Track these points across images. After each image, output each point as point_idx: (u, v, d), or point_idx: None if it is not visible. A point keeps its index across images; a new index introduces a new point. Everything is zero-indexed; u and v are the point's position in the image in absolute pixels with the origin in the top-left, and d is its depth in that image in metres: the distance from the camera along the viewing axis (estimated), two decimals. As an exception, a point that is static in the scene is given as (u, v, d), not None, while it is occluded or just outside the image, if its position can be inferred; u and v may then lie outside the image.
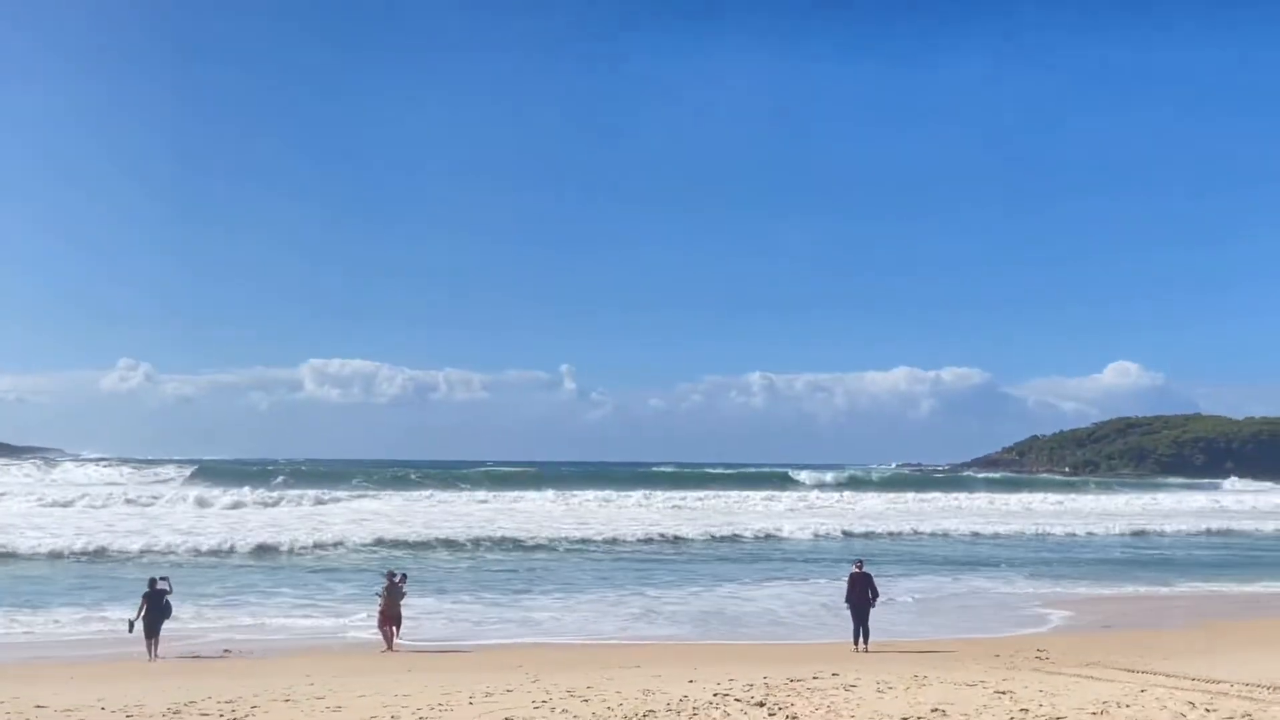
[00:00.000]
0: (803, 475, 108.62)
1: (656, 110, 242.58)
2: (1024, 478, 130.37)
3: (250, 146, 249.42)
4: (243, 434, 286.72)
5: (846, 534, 51.66)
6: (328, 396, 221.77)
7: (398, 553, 40.24)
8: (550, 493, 73.06)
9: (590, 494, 72.55)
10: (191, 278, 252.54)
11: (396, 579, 23.56)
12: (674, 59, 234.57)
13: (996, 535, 54.12)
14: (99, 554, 37.01)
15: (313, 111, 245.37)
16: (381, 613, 22.79)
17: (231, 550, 38.89)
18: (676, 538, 47.56)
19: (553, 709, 12.95)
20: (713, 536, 48.46)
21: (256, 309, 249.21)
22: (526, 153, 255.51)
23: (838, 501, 78.57)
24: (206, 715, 12.62)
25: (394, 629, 22.75)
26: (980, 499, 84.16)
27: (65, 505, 55.81)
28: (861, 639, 22.06)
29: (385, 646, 22.31)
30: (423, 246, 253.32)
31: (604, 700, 13.77)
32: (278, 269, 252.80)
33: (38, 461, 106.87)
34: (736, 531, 50.14)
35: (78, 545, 37.64)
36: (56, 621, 25.00)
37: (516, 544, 43.78)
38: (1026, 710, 13.43)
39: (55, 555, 36.61)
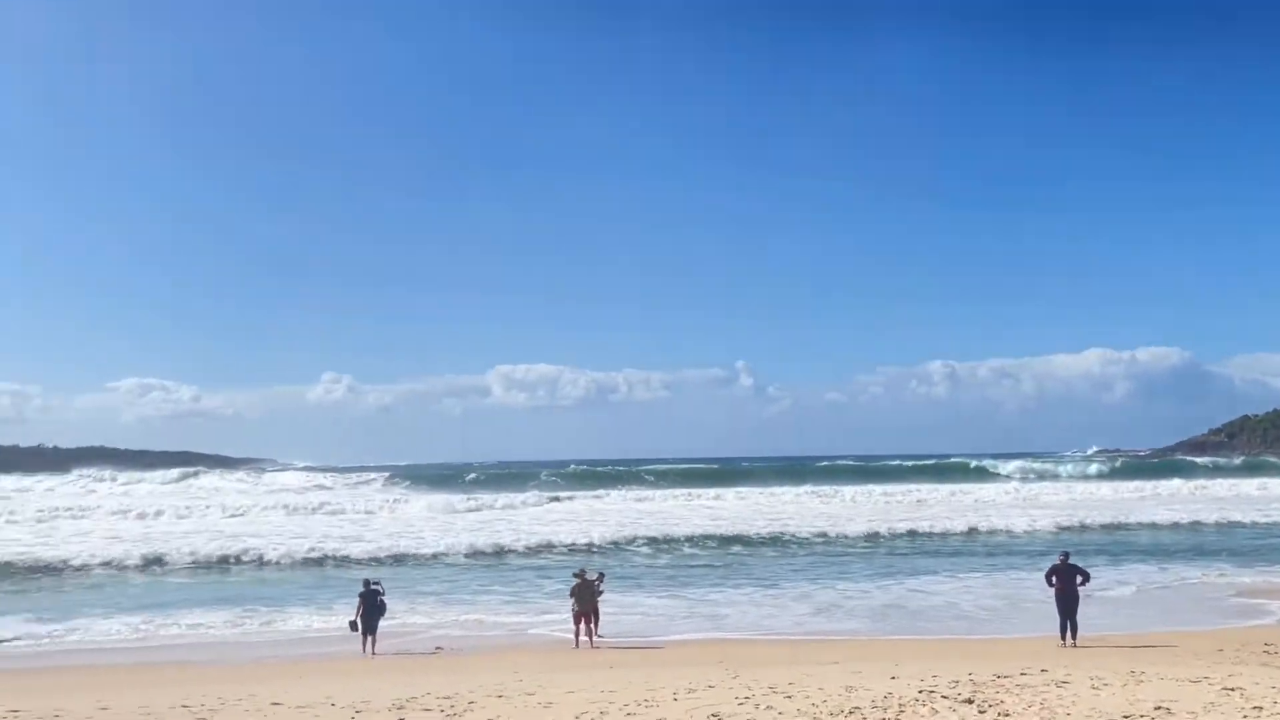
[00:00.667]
0: (1001, 465, 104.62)
1: (821, 102, 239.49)
2: (1255, 461, 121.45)
3: (437, 159, 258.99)
4: (437, 439, 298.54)
5: (1056, 526, 49.34)
6: (514, 400, 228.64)
7: (600, 550, 41.04)
8: (743, 489, 73.25)
9: (780, 489, 72.13)
10: (385, 293, 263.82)
11: (591, 577, 24.11)
12: (833, 49, 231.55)
13: (1219, 523, 51.06)
14: (321, 559, 38.74)
15: (495, 116, 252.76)
16: (575, 610, 23.43)
17: (443, 551, 40.16)
18: (874, 534, 46.58)
19: (756, 705, 13.03)
20: (910, 531, 47.30)
21: (447, 319, 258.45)
22: (701, 150, 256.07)
23: (1041, 491, 75.50)
24: (428, 711, 13.29)
25: (592, 625, 23.35)
26: (1201, 484, 79.59)
27: (287, 511, 58.93)
28: (1069, 633, 21.28)
29: (575, 644, 22.91)
30: (602, 250, 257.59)
31: (807, 696, 13.76)
32: (465, 280, 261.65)
33: (250, 470, 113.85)
34: (934, 526, 48.79)
35: (299, 550, 39.58)
36: (285, 621, 26.78)
37: (712, 540, 43.84)
38: (1260, 708, 12.69)
39: (280, 561, 38.42)
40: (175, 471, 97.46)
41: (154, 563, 37.25)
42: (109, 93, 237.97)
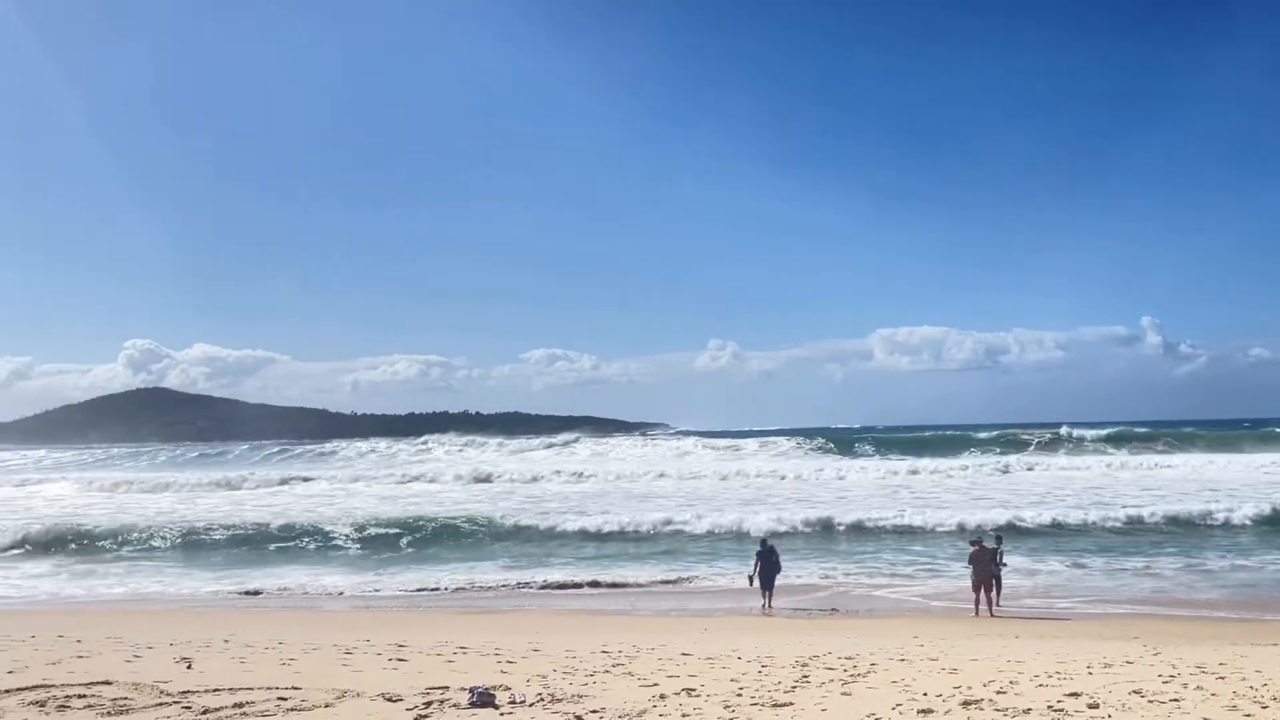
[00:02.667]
0: None
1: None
2: None
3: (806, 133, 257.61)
4: (820, 404, 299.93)
5: None
6: (897, 364, 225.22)
7: (1005, 521, 38.51)
8: (1172, 456, 67.60)
9: (1221, 456, 65.14)
10: (769, 262, 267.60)
11: (990, 544, 23.55)
12: None
13: None
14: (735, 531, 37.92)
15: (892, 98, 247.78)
16: (973, 578, 22.98)
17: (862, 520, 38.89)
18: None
19: (1184, 685, 12.09)
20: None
21: (827, 285, 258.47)
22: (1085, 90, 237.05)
23: None
24: (831, 669, 13.51)
25: (992, 594, 22.79)
26: None
27: (694, 478, 61.02)
28: None
29: (975, 612, 22.46)
30: (983, 206, 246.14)
31: (1243, 679, 12.59)
32: (840, 248, 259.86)
33: (640, 435, 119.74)
34: None
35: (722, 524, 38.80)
36: (702, 579, 28.47)
37: (1151, 512, 38.73)
38: None
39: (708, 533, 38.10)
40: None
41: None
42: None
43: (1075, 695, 11.38)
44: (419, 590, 27.64)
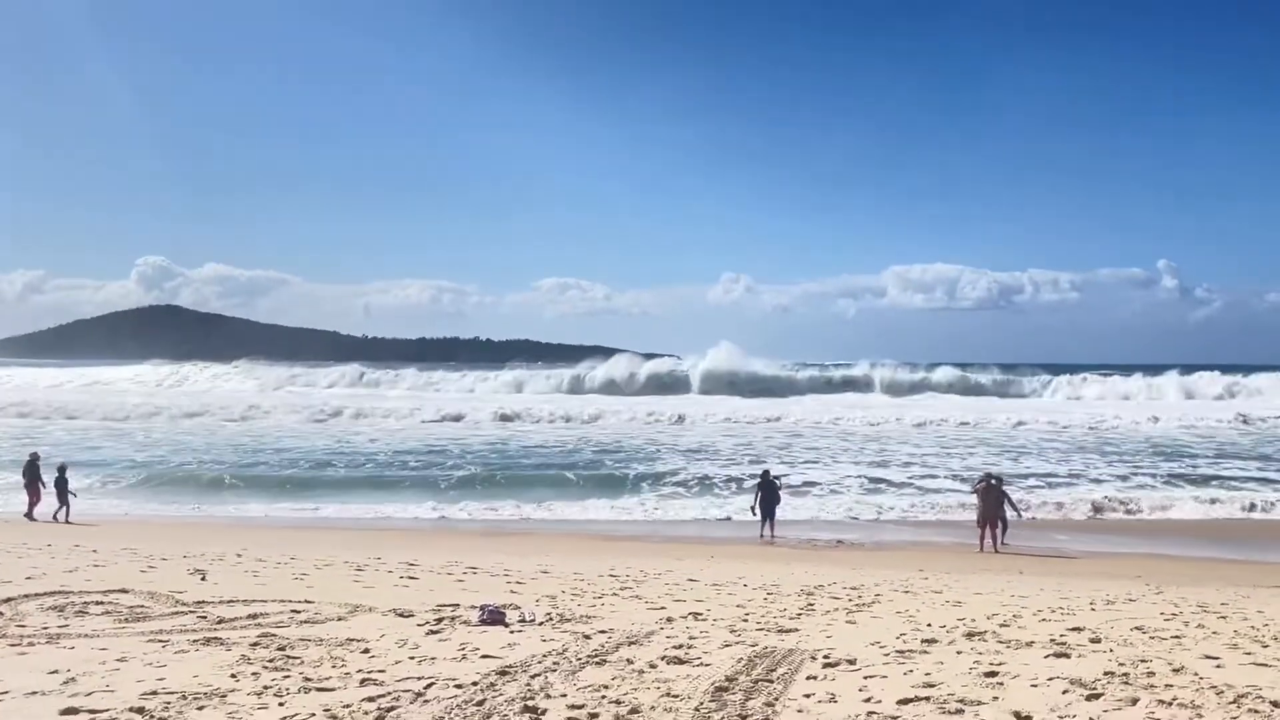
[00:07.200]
0: None
1: None
2: None
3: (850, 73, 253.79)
4: (833, 340, 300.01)
5: None
6: (910, 302, 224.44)
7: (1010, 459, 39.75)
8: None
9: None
10: (776, 198, 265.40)
11: (994, 481, 23.66)
12: None
13: None
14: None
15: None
16: (979, 514, 23.15)
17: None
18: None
19: (1186, 623, 12.20)
20: None
21: (841, 220, 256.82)
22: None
23: None
24: (836, 599, 13.66)
25: (997, 530, 22.95)
26: None
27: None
28: None
29: (979, 548, 22.62)
30: (996, 141, 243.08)
31: (1245, 619, 12.69)
32: (856, 181, 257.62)
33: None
34: None
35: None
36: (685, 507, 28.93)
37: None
38: None
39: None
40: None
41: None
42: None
43: (1078, 630, 11.49)
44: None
